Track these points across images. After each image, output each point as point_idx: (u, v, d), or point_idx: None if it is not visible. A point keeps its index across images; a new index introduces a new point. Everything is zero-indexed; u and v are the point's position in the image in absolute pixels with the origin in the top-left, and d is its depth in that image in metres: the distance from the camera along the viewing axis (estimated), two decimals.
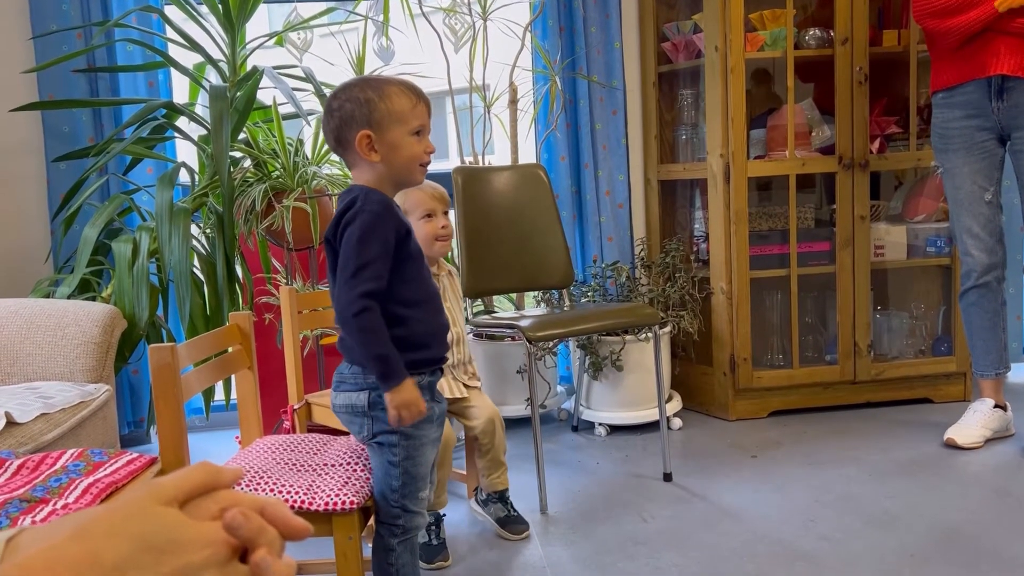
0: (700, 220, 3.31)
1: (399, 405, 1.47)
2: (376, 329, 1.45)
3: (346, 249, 1.46)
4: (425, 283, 1.57)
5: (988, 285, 2.64)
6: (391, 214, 1.50)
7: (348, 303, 1.44)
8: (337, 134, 1.53)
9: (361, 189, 1.51)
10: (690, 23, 3.12)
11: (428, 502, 1.61)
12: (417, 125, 1.52)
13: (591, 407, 3.02)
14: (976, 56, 2.49)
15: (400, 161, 1.52)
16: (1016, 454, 2.58)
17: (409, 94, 1.52)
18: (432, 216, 2.04)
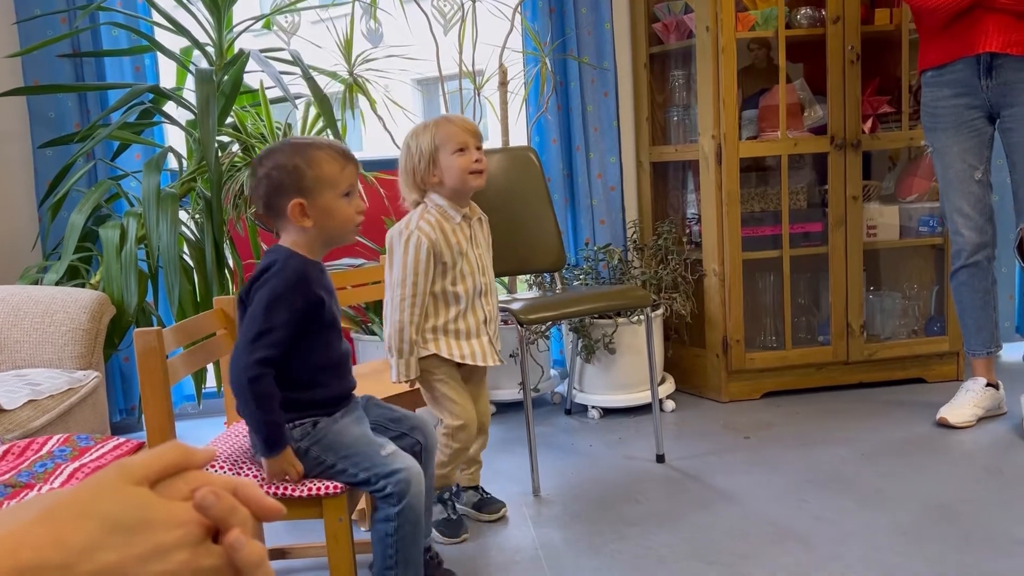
0: (692, 202, 3.29)
1: (276, 473, 1.52)
2: (268, 396, 1.47)
3: (253, 312, 1.48)
4: (335, 348, 1.60)
5: (979, 264, 2.64)
6: (305, 283, 1.51)
7: (244, 367, 1.46)
8: (267, 201, 1.54)
9: (282, 252, 1.53)
10: (681, 3, 3.09)
11: (393, 450, 1.60)
12: (347, 187, 1.53)
13: (584, 390, 3.01)
14: (964, 34, 2.47)
15: (333, 224, 1.54)
16: (1008, 432, 2.58)
17: (337, 157, 1.53)
18: (465, 150, 1.99)
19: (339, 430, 1.59)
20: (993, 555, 1.84)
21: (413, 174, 2.00)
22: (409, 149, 2.00)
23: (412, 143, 2.00)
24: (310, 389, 1.56)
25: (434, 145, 1.97)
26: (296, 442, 1.56)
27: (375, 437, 1.63)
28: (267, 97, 2.69)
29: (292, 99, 2.47)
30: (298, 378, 1.54)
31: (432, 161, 1.97)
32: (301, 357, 1.53)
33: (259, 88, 2.70)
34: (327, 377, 1.59)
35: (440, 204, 2.01)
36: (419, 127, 2.02)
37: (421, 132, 2.00)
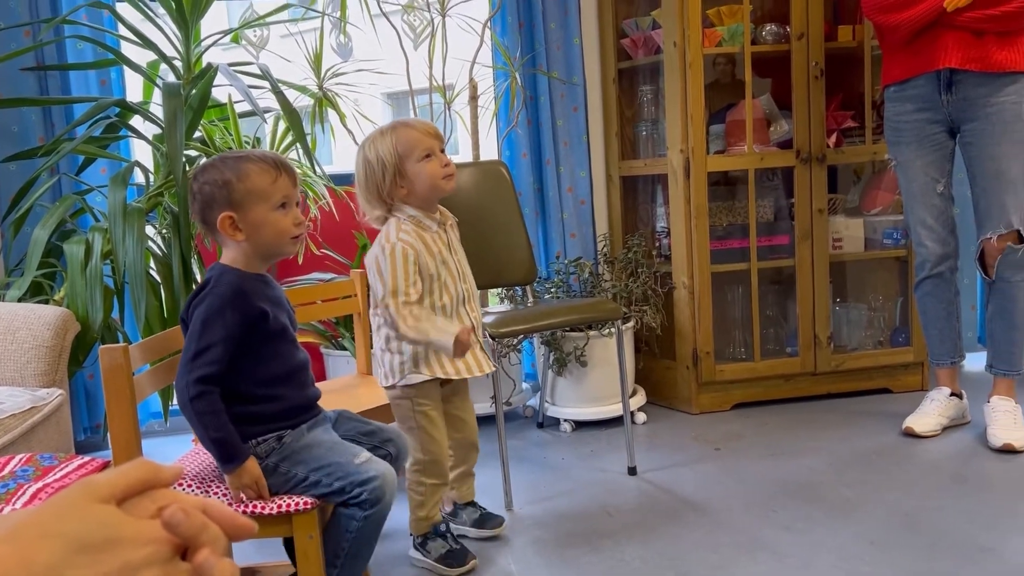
0: (662, 215, 3.32)
1: (241, 488, 1.50)
2: (212, 413, 1.47)
3: (190, 332, 1.49)
4: (287, 359, 1.58)
5: (942, 275, 2.69)
6: (241, 298, 1.50)
7: (184, 387, 1.46)
8: (202, 216, 1.54)
9: (218, 270, 1.54)
10: (649, 19, 3.13)
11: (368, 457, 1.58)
12: (280, 198, 1.52)
13: (556, 403, 3.02)
14: (925, 50, 2.53)
15: (266, 238, 1.53)
16: (972, 441, 2.62)
17: (269, 169, 1.52)
18: (431, 155, 1.85)
19: (309, 442, 1.58)
20: (960, 563, 1.86)
21: (377, 188, 1.84)
22: (368, 161, 1.84)
23: (370, 154, 1.84)
24: (266, 402, 1.56)
25: (397, 154, 1.82)
26: (263, 459, 1.54)
27: (349, 445, 1.62)
28: (236, 111, 2.67)
29: (261, 113, 2.46)
30: (251, 392, 1.54)
31: (398, 172, 1.82)
32: (249, 371, 1.53)
33: (228, 102, 2.68)
34: (283, 388, 1.58)
35: (413, 215, 1.87)
36: (374, 135, 1.86)
37: (379, 140, 1.83)
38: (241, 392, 1.52)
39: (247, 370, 1.52)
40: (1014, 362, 2.64)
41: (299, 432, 1.59)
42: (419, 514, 2.01)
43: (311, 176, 2.74)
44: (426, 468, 1.97)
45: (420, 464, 1.97)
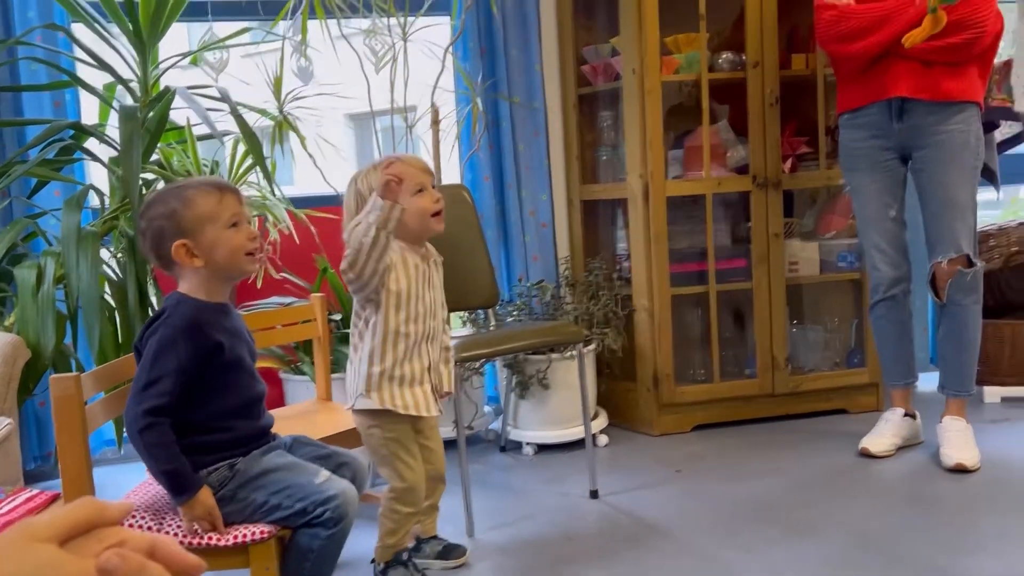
0: (622, 239, 3.35)
1: (194, 519, 1.48)
2: (162, 444, 1.45)
3: (142, 362, 1.48)
4: (243, 391, 1.57)
5: (895, 298, 2.75)
6: (196, 329, 1.49)
7: (133, 418, 1.44)
8: (156, 253, 1.54)
9: (175, 299, 1.53)
10: (608, 46, 3.17)
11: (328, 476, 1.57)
12: (229, 217, 1.53)
13: (518, 426, 3.01)
14: (877, 79, 2.60)
15: (223, 258, 1.53)
16: (926, 461, 2.67)
17: (212, 191, 1.53)
18: (423, 190, 1.85)
19: (265, 466, 1.56)
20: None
21: None
22: (360, 193, 1.84)
23: (363, 186, 1.84)
24: (218, 432, 1.54)
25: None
26: (217, 489, 1.52)
27: (307, 464, 1.60)
28: (194, 134, 2.64)
29: (219, 136, 2.44)
30: (203, 423, 1.52)
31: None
32: (202, 403, 1.51)
33: (186, 125, 2.65)
34: (236, 420, 1.57)
35: (400, 246, 1.87)
36: (367, 169, 1.87)
37: (372, 174, 1.83)
38: (193, 422, 1.50)
39: (200, 401, 1.50)
40: (965, 383, 2.70)
41: (252, 458, 1.57)
42: (388, 541, 1.98)
43: (271, 199, 2.72)
44: (402, 496, 1.93)
45: (396, 492, 1.93)
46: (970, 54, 2.51)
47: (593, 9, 3.33)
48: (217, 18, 2.99)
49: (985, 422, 3.00)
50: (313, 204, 3.04)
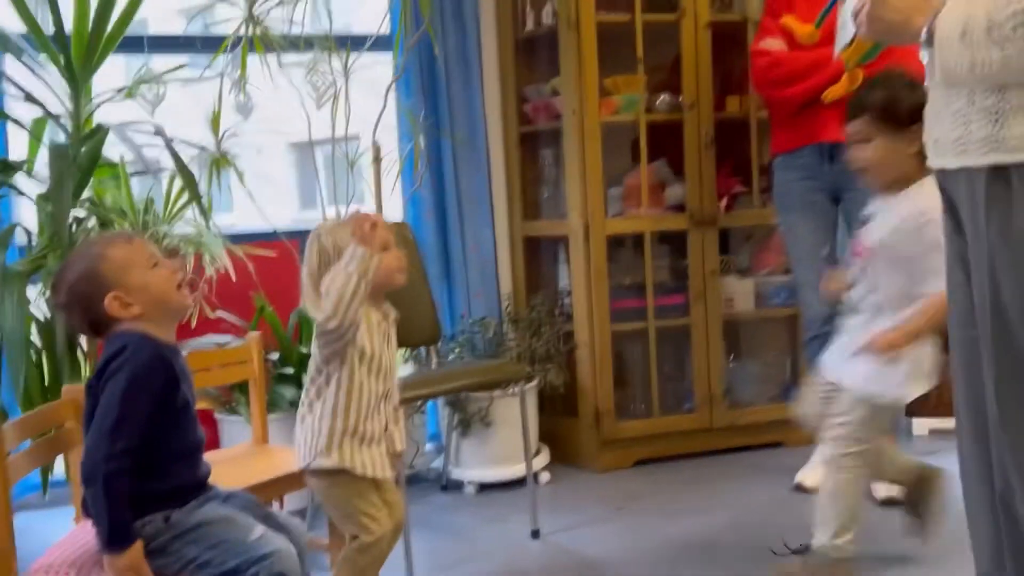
0: (564, 275, 3.38)
1: (120, 571, 1.43)
2: (122, 494, 1.41)
3: (109, 400, 1.42)
4: (186, 436, 1.55)
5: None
6: (162, 363, 1.47)
7: (103, 459, 1.39)
8: (89, 319, 1.51)
9: (131, 337, 1.49)
10: (549, 86, 3.22)
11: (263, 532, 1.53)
12: (147, 259, 1.52)
13: (460, 465, 2.99)
14: (809, 123, 2.69)
15: (157, 296, 1.51)
16: None
17: (119, 241, 1.54)
18: (388, 248, 1.84)
19: (200, 519, 1.52)
20: None
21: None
22: (324, 248, 1.80)
23: (327, 241, 1.81)
24: (157, 480, 1.49)
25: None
26: (149, 541, 1.47)
27: (242, 519, 1.57)
28: (128, 170, 2.59)
29: (154, 173, 2.40)
30: (149, 467, 1.47)
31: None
32: (154, 444, 1.46)
33: (120, 161, 2.60)
34: (180, 466, 1.53)
35: (365, 307, 1.81)
36: (331, 225, 1.86)
37: (336, 230, 1.82)
38: (140, 466, 1.45)
39: (151, 443, 1.45)
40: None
41: (188, 510, 1.53)
42: None
43: (207, 236, 2.68)
44: (368, 548, 1.84)
45: (362, 545, 1.84)
46: None
47: (534, 49, 3.38)
48: (154, 52, 2.95)
49: (915, 454, 3.08)
50: (251, 240, 3.00)
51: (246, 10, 2.81)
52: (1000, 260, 1.27)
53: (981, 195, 1.26)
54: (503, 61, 3.36)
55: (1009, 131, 1.23)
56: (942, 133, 1.32)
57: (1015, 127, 1.22)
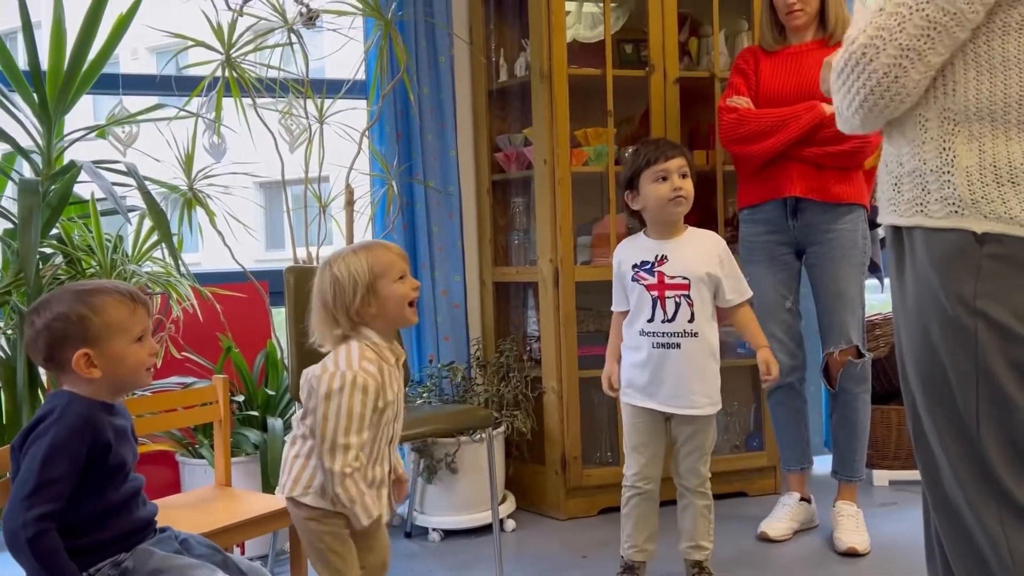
0: (533, 320, 3.40)
1: None
2: (54, 551, 1.38)
3: (30, 464, 1.39)
4: (121, 492, 1.51)
5: (792, 386, 2.87)
6: (90, 429, 1.44)
7: (22, 525, 1.36)
8: (48, 354, 1.46)
9: (64, 398, 1.46)
10: (521, 136, 3.28)
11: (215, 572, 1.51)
12: (139, 332, 1.49)
13: (425, 512, 2.97)
14: (774, 178, 2.76)
15: (124, 372, 1.48)
16: (820, 544, 2.76)
17: (126, 301, 1.49)
18: (404, 277, 1.80)
19: (157, 565, 1.49)
20: None
21: (345, 307, 1.74)
22: (337, 278, 1.74)
23: (341, 271, 1.74)
24: (96, 532, 1.46)
25: (371, 273, 1.74)
26: None
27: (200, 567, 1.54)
28: (98, 208, 2.57)
29: (125, 213, 2.39)
30: (80, 524, 1.44)
31: (370, 290, 1.73)
32: (80, 504, 1.43)
33: (90, 199, 2.58)
34: (112, 519, 1.49)
35: (376, 342, 1.76)
36: (345, 254, 1.79)
37: (351, 258, 1.76)
38: (68, 524, 1.42)
39: (78, 504, 1.43)
40: (856, 468, 2.82)
41: (141, 553, 1.50)
42: None
43: (175, 276, 2.66)
44: None
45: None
46: (856, 161, 2.70)
47: (507, 100, 3.44)
48: (128, 92, 2.96)
49: (875, 506, 3.12)
50: (219, 280, 2.98)
51: (223, 53, 2.84)
52: (897, 317, 1.35)
53: (889, 253, 1.35)
54: (476, 110, 3.41)
55: (900, 195, 1.30)
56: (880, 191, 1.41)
57: (905, 191, 1.29)
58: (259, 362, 2.99)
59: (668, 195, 2.31)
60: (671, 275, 2.32)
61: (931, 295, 1.25)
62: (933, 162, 1.26)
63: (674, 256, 2.34)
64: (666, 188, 2.31)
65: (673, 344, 2.32)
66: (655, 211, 2.35)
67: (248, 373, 2.90)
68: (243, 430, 2.76)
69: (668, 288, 2.32)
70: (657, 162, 2.31)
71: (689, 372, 2.33)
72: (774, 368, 2.42)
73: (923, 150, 1.27)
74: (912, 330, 1.30)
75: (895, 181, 1.32)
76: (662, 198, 2.31)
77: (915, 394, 1.33)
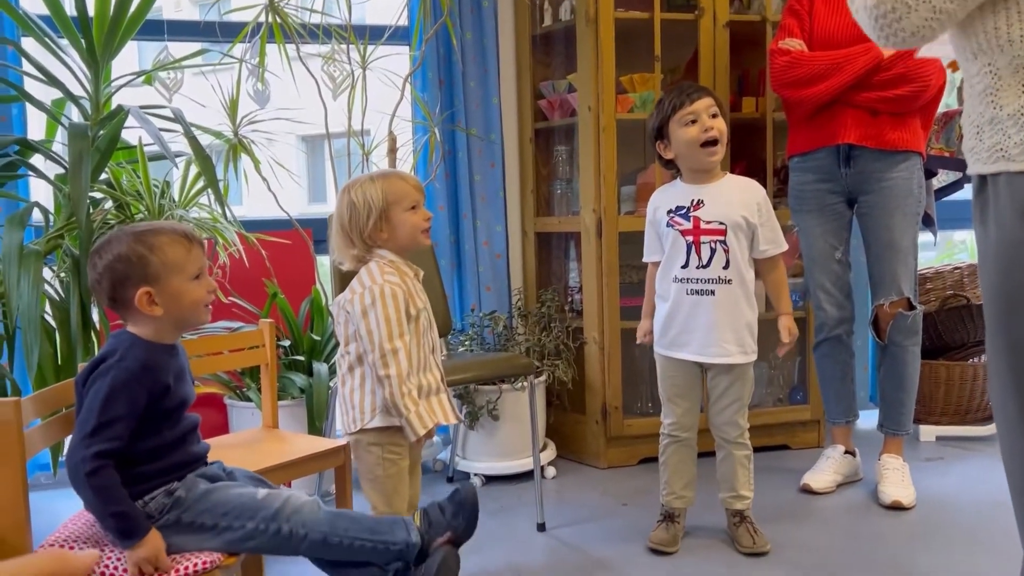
0: (575, 271, 3.38)
1: (139, 562, 1.44)
2: (110, 487, 1.42)
3: (91, 403, 1.44)
4: (179, 428, 1.55)
5: (839, 338, 2.82)
6: (148, 373, 1.48)
7: (81, 460, 1.41)
8: (112, 294, 1.51)
9: (126, 340, 1.50)
10: (565, 83, 3.22)
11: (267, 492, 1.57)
12: (196, 270, 1.53)
13: (467, 457, 3.00)
14: (827, 125, 2.68)
15: (184, 308, 1.53)
16: (864, 498, 2.73)
17: (182, 240, 1.52)
18: (416, 208, 1.89)
19: (208, 489, 1.54)
20: None
21: (360, 229, 1.85)
22: (354, 203, 1.85)
23: (357, 197, 1.85)
24: (150, 464, 1.51)
25: (385, 200, 1.84)
26: (158, 518, 1.49)
27: (244, 488, 1.58)
28: (145, 154, 2.60)
29: (172, 158, 2.41)
30: (135, 457, 1.48)
31: (383, 217, 1.84)
32: (139, 440, 1.48)
33: (138, 144, 2.61)
34: (168, 452, 1.54)
35: (393, 259, 1.88)
36: (363, 180, 1.88)
37: (367, 185, 1.86)
38: (126, 456, 1.46)
39: (135, 439, 1.47)
40: (903, 422, 2.77)
41: (191, 482, 1.54)
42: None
43: (222, 222, 2.69)
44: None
45: (380, 514, 1.89)
46: (914, 106, 2.61)
47: (551, 45, 3.38)
48: (173, 38, 2.96)
49: (921, 460, 3.08)
50: (264, 228, 3.01)
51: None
52: (982, 269, 1.31)
53: (975, 205, 1.31)
54: (520, 56, 3.36)
55: (982, 143, 1.27)
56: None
57: (987, 139, 1.26)
58: (304, 308, 3.02)
59: (699, 137, 2.24)
60: (707, 220, 2.27)
61: (1014, 240, 1.21)
62: (1010, 107, 1.23)
63: (710, 201, 2.28)
64: (696, 130, 2.24)
65: (707, 291, 2.28)
66: (688, 157, 2.29)
67: (294, 318, 2.94)
68: (289, 374, 2.80)
69: (703, 233, 2.28)
70: (683, 106, 2.25)
71: (722, 320, 2.28)
72: (791, 336, 2.36)
73: (998, 98, 1.25)
74: (994, 280, 1.26)
75: (976, 131, 1.29)
76: (693, 141, 2.25)
77: (1000, 355, 1.29)
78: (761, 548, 2.31)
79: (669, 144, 2.29)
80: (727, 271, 2.27)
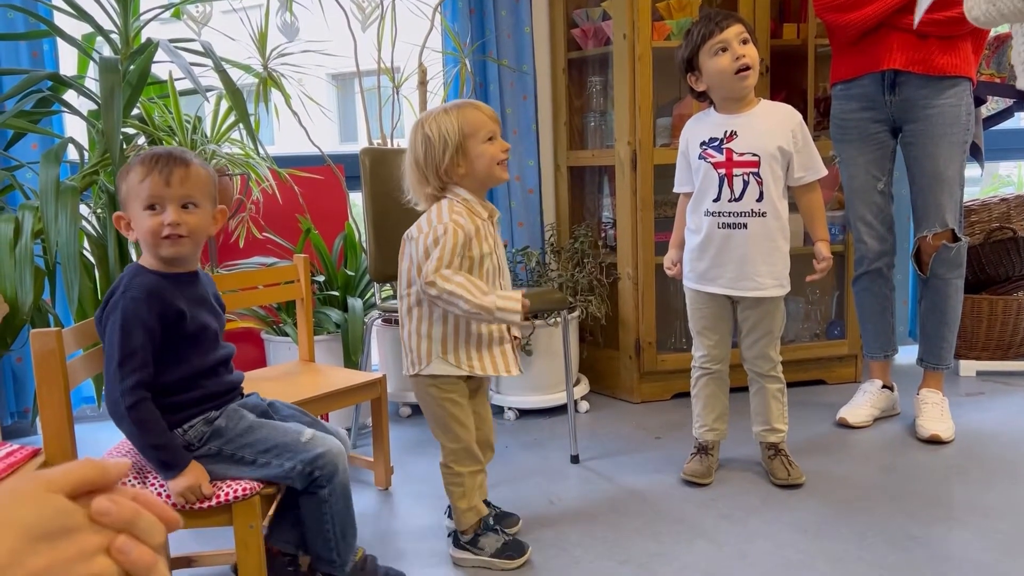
0: (608, 206, 3.34)
1: (182, 491, 1.47)
2: (149, 420, 1.44)
3: (110, 338, 1.46)
4: (208, 356, 1.56)
5: (879, 272, 2.76)
6: (155, 298, 1.48)
7: (118, 398, 1.43)
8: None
9: (130, 272, 1.52)
10: (599, 10, 3.13)
11: (312, 435, 1.59)
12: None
13: (500, 391, 3.02)
14: (871, 50, 2.58)
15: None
16: (901, 432, 2.71)
17: (139, 168, 1.50)
18: (494, 138, 1.81)
19: (251, 424, 1.56)
20: (889, 550, 1.93)
21: (435, 165, 1.78)
22: (429, 138, 1.77)
23: (432, 130, 1.77)
24: (185, 392, 1.53)
25: (461, 132, 1.76)
26: (197, 446, 1.52)
27: (291, 423, 1.61)
28: (176, 89, 2.59)
29: (203, 91, 2.39)
30: (169, 386, 1.51)
31: (460, 150, 1.76)
32: (168, 369, 1.50)
33: (168, 79, 2.60)
34: (202, 380, 1.56)
35: (467, 199, 1.80)
36: (436, 113, 1.80)
37: (441, 118, 1.78)
38: (160, 386, 1.49)
39: (166, 367, 1.49)
40: (943, 356, 2.73)
41: (233, 412, 1.56)
42: (461, 506, 1.92)
43: (254, 158, 2.68)
44: (459, 457, 1.90)
45: (453, 454, 1.90)
46: (965, 28, 2.49)
47: None
48: None
49: (960, 395, 3.04)
50: (296, 164, 3.00)
51: None
52: None
53: None
54: None
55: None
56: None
57: None
58: (338, 244, 3.03)
59: (731, 66, 2.15)
60: (740, 152, 2.21)
61: None
62: None
63: (744, 131, 2.22)
64: (727, 59, 2.16)
65: (739, 224, 2.23)
66: (721, 87, 2.21)
67: (327, 254, 2.95)
68: (324, 309, 2.82)
69: (736, 166, 2.21)
70: (713, 35, 2.15)
71: (754, 253, 2.24)
72: (826, 262, 2.29)
73: None
74: None
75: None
76: (725, 71, 2.16)
77: None
78: (796, 480, 2.31)
79: (700, 75, 2.22)
80: (760, 203, 2.22)
